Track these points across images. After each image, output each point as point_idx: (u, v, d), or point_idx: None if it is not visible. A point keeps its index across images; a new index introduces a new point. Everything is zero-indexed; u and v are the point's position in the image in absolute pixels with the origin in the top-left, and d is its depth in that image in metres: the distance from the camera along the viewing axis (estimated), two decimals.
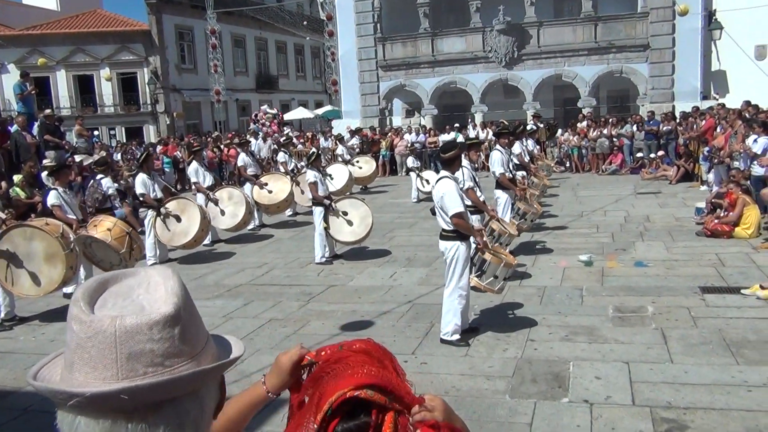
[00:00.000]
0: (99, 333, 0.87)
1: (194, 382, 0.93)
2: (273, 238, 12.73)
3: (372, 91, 28.39)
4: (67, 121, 21.21)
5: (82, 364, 0.88)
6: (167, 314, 0.90)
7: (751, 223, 9.96)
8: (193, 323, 0.95)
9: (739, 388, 4.88)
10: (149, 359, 0.88)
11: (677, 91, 23.93)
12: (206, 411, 0.97)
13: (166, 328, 0.90)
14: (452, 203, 6.07)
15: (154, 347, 0.89)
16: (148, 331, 0.88)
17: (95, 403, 0.86)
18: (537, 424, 4.52)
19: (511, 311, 7.10)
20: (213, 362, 0.97)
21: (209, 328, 1.00)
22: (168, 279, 0.97)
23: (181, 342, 0.91)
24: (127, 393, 0.86)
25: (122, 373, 0.87)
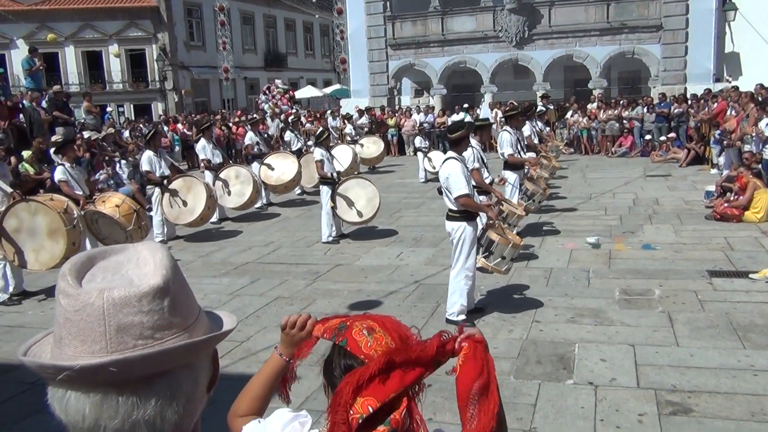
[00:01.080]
0: (87, 306, 0.86)
1: (186, 355, 0.92)
2: (280, 216, 12.74)
3: (381, 70, 28.20)
4: (75, 98, 21.23)
5: (71, 338, 0.87)
6: (156, 286, 0.89)
7: (761, 207, 9.88)
8: (183, 296, 0.94)
9: (745, 372, 4.87)
10: (139, 332, 0.87)
11: (689, 72, 23.63)
12: (199, 384, 0.96)
13: (155, 300, 0.89)
14: (457, 184, 6.04)
15: (143, 319, 0.87)
16: (137, 303, 0.87)
17: (85, 376, 0.85)
18: (541, 405, 4.53)
19: (517, 292, 7.10)
20: (205, 335, 0.96)
21: (216, 305, 1.00)
22: (156, 252, 0.95)
23: (171, 314, 0.90)
24: (117, 365, 0.85)
25: (112, 346, 0.86)
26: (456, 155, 6.23)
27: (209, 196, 10.52)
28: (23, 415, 4.79)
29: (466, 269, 6.16)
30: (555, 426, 4.24)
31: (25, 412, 4.83)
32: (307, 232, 10.62)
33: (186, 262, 9.35)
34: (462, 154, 6.35)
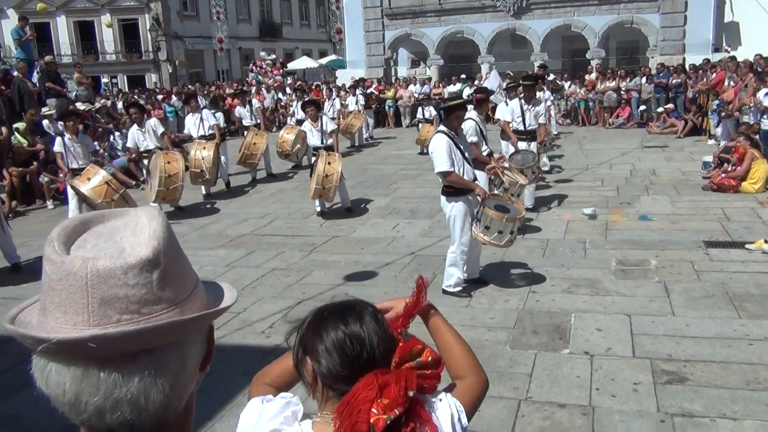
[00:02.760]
0: (69, 275, 0.81)
1: (173, 332, 0.87)
2: (276, 189, 12.68)
3: (377, 40, 27.91)
4: (67, 69, 20.98)
5: (54, 308, 0.82)
6: (144, 258, 0.84)
7: (758, 178, 9.86)
8: (176, 269, 0.89)
9: (741, 342, 4.89)
10: (124, 305, 0.82)
11: (688, 43, 23.44)
12: (188, 363, 0.91)
13: (142, 273, 0.83)
14: (438, 160, 5.95)
15: (129, 293, 0.82)
16: (122, 276, 0.82)
17: (64, 350, 0.81)
18: (537, 375, 4.55)
19: (513, 263, 7.10)
20: (199, 311, 0.91)
21: (212, 276, 0.95)
22: (153, 220, 0.90)
23: (159, 288, 0.85)
24: (96, 341, 0.80)
25: (94, 320, 0.81)
26: (445, 129, 6.06)
27: (169, 176, 10.04)
28: (21, 385, 4.80)
29: (462, 244, 6.14)
30: (551, 395, 4.26)
31: (22, 383, 4.84)
32: (303, 204, 10.57)
33: (182, 234, 9.32)
34: (455, 128, 6.17)
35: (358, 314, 1.43)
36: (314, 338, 1.41)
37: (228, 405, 4.33)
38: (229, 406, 4.30)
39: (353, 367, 1.36)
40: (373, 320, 1.43)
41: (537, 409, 4.10)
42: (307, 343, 1.42)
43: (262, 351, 5.16)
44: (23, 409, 4.49)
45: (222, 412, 4.24)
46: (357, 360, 1.37)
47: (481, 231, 6.01)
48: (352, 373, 1.35)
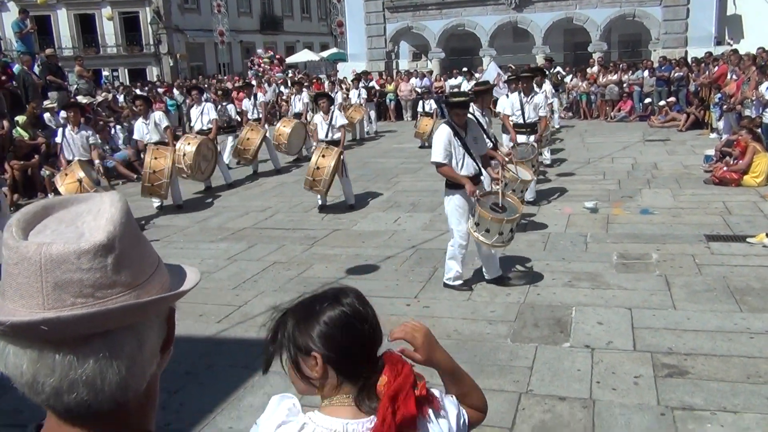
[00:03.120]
0: (24, 260, 0.83)
1: (128, 316, 0.88)
2: (277, 182, 12.68)
3: (378, 33, 27.84)
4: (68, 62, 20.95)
5: (12, 292, 0.84)
6: (98, 243, 0.85)
7: (760, 172, 9.84)
8: (134, 254, 0.90)
9: (741, 335, 4.89)
10: (78, 289, 0.84)
11: (691, 36, 23.36)
12: (145, 346, 0.92)
13: (96, 258, 0.85)
14: (433, 151, 6.03)
15: (82, 277, 0.84)
16: (75, 261, 0.84)
17: (18, 332, 0.83)
18: (537, 368, 4.55)
19: (514, 257, 7.09)
20: (159, 294, 0.92)
21: (213, 270, 0.96)
22: (113, 206, 0.91)
23: (114, 272, 0.86)
24: (48, 324, 0.81)
25: (48, 303, 0.83)
26: (449, 120, 6.14)
27: (154, 171, 10.01)
28: None
29: (459, 237, 6.13)
30: (551, 388, 4.27)
31: None
32: (304, 197, 10.56)
33: (183, 228, 9.33)
34: (460, 123, 6.15)
35: (346, 295, 1.49)
36: (311, 330, 1.43)
37: (229, 398, 4.33)
38: (231, 399, 4.31)
39: (361, 341, 1.43)
40: (358, 299, 1.49)
41: (537, 402, 4.10)
42: (301, 343, 1.44)
43: (263, 344, 5.16)
44: (24, 402, 4.49)
45: (223, 405, 4.24)
46: (362, 333, 1.44)
47: (476, 230, 5.97)
48: (361, 349, 1.43)
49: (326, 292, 1.51)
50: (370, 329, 1.46)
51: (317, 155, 9.57)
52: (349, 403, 1.42)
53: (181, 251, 8.11)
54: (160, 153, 10.14)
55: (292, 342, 1.45)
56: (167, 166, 9.99)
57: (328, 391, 1.44)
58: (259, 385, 4.43)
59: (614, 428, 3.77)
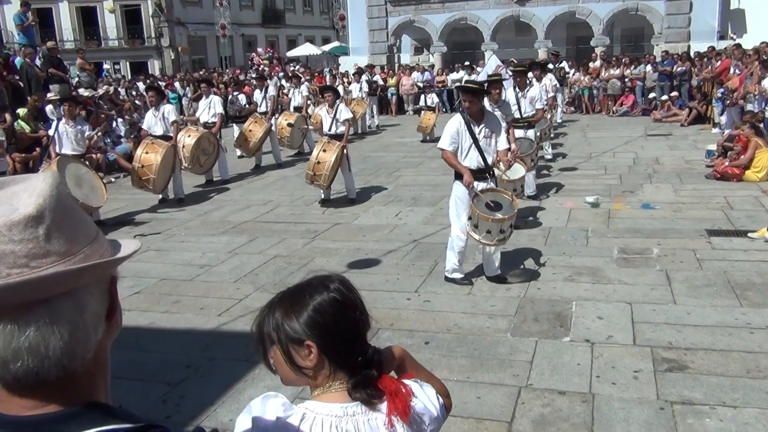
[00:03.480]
0: None
1: (62, 282, 0.90)
2: (278, 176, 12.68)
3: (380, 27, 27.77)
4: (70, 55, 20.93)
5: None
6: (27, 215, 0.89)
7: (762, 167, 9.82)
8: (66, 224, 0.93)
9: (742, 330, 4.89)
10: (12, 260, 0.87)
11: (693, 30, 23.27)
12: (86, 311, 0.95)
13: (27, 229, 0.88)
14: (441, 137, 6.17)
15: (15, 248, 0.87)
16: (7, 233, 0.87)
17: None
18: (537, 362, 4.56)
19: (515, 251, 7.09)
20: (88, 263, 0.95)
21: (214, 263, 0.98)
22: (43, 181, 0.94)
23: (47, 242, 0.89)
24: None
25: None
26: (464, 111, 6.20)
27: (142, 166, 9.94)
28: None
29: (457, 229, 6.15)
30: (551, 382, 4.28)
31: None
32: (306, 191, 10.56)
33: (184, 221, 9.34)
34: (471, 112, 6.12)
35: (333, 281, 1.50)
36: (301, 319, 1.43)
37: (230, 391, 4.35)
38: (231, 392, 4.32)
39: (353, 328, 1.45)
40: (344, 285, 1.50)
41: (537, 396, 4.11)
42: (291, 333, 1.44)
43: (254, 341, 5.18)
44: None
45: (224, 397, 4.26)
46: (353, 320, 1.45)
47: (475, 232, 5.96)
48: (353, 336, 1.44)
49: (311, 281, 1.51)
50: (360, 315, 1.47)
51: (318, 149, 9.58)
52: (342, 389, 1.43)
53: (182, 245, 8.12)
54: (153, 147, 10.11)
55: (283, 333, 1.45)
56: (156, 162, 9.90)
57: (322, 380, 1.45)
58: (260, 378, 4.44)
59: (613, 422, 3.78)
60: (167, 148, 10.13)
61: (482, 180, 6.13)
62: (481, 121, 6.07)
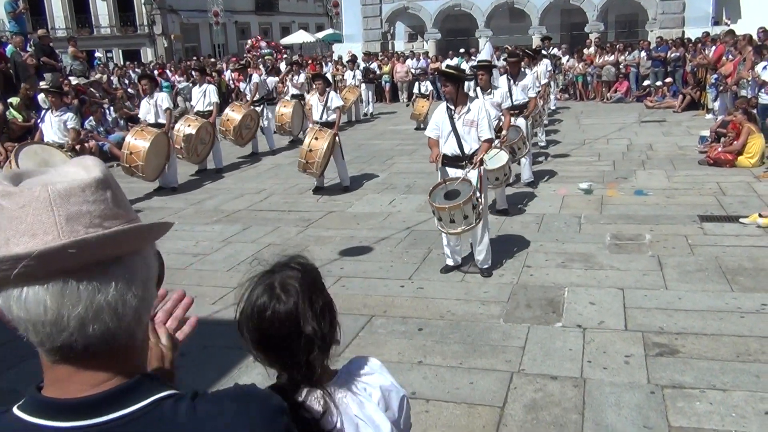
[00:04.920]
0: (33, 201, 0.87)
1: (138, 239, 0.95)
2: (272, 164, 12.66)
3: (374, 14, 27.63)
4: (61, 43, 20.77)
5: (20, 236, 0.87)
6: (97, 178, 0.92)
7: (754, 152, 9.85)
8: (121, 195, 0.97)
9: (732, 314, 4.93)
10: (88, 220, 0.89)
11: (688, 16, 23.22)
12: (151, 273, 0.99)
13: (98, 191, 0.91)
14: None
15: (90, 208, 0.90)
16: (81, 193, 0.89)
17: (44, 262, 0.86)
18: (530, 348, 4.59)
19: (508, 238, 7.12)
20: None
21: (208, 251, 1.01)
22: (89, 159, 0.98)
23: (114, 205, 0.93)
24: (75, 246, 0.86)
25: (64, 235, 0.87)
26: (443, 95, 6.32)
27: (131, 153, 9.90)
28: (19, 359, 4.83)
29: None
30: (543, 367, 4.31)
31: (20, 357, 4.87)
32: (299, 179, 10.55)
33: (177, 210, 9.33)
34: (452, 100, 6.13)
35: (272, 287, 1.50)
36: (241, 314, 1.51)
37: (224, 378, 4.37)
38: (225, 379, 4.35)
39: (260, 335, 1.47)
40: (287, 294, 1.48)
41: (529, 381, 4.14)
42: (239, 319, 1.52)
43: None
44: (21, 382, 4.53)
45: (218, 384, 4.28)
46: (259, 330, 1.47)
47: (440, 225, 5.92)
48: (261, 340, 1.47)
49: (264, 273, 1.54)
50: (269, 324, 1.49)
51: (310, 137, 9.55)
52: None
53: (176, 233, 8.10)
54: (142, 134, 10.07)
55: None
56: (144, 149, 9.86)
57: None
58: (254, 365, 4.45)
59: (604, 406, 3.82)
60: (157, 134, 10.08)
61: (457, 168, 6.10)
62: (462, 109, 6.05)
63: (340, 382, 1.51)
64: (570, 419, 3.71)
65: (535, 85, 9.88)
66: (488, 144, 6.14)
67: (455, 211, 5.73)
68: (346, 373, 1.56)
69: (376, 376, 1.56)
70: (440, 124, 6.09)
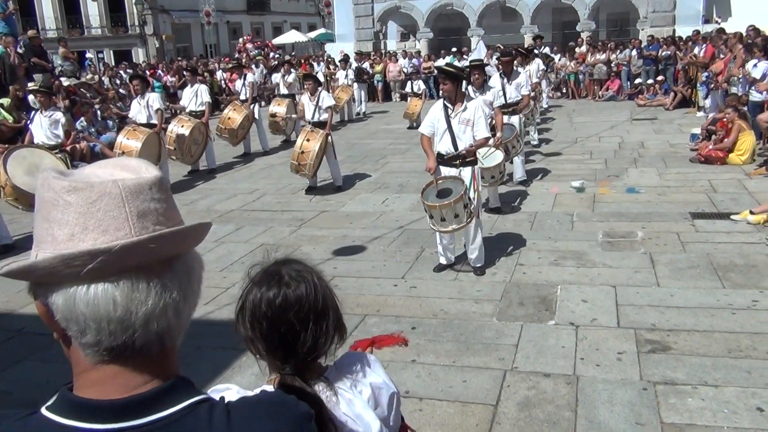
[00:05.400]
0: (105, 195, 0.88)
1: (196, 236, 0.97)
2: (265, 164, 12.64)
3: (366, 13, 27.61)
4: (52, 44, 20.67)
5: (90, 231, 0.87)
6: (159, 176, 0.94)
7: (745, 150, 9.90)
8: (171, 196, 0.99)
9: (723, 311, 4.96)
10: (155, 217, 0.91)
11: (678, 14, 23.31)
12: (203, 272, 1.02)
13: (161, 189, 0.93)
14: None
15: (156, 206, 0.92)
16: (148, 191, 0.91)
17: (121, 257, 0.86)
18: (523, 346, 4.61)
19: (501, 236, 7.13)
20: None
21: (200, 252, 1.01)
22: (135, 161, 0.99)
23: (172, 205, 0.96)
24: (153, 241, 0.88)
25: (135, 231, 0.88)
26: (442, 93, 6.28)
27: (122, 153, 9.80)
28: (10, 362, 4.82)
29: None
30: (536, 365, 4.32)
31: (12, 359, 4.86)
32: (292, 179, 10.53)
33: None
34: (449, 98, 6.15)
35: (280, 276, 1.46)
36: (243, 310, 1.47)
37: (217, 378, 4.36)
38: (219, 380, 4.34)
39: (270, 339, 1.43)
40: (296, 281, 1.45)
41: (522, 379, 4.16)
42: (240, 316, 1.48)
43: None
44: (13, 384, 4.51)
45: (211, 385, 4.25)
46: (274, 325, 1.42)
47: (432, 223, 5.94)
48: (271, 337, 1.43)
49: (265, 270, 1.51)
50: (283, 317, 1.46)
51: (302, 138, 9.54)
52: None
53: None
54: (134, 134, 10.04)
55: (239, 311, 1.54)
56: (136, 149, 9.79)
57: (270, 365, 1.52)
58: (247, 365, 4.46)
59: (597, 403, 3.83)
60: (149, 134, 10.06)
61: (452, 167, 6.12)
62: (459, 107, 6.07)
63: (330, 378, 1.50)
64: (563, 416, 3.72)
65: (528, 83, 9.90)
66: (485, 141, 6.19)
67: (446, 210, 5.74)
68: (337, 369, 1.54)
69: (368, 372, 1.55)
70: (436, 121, 6.10)
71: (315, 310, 1.43)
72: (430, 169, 6.05)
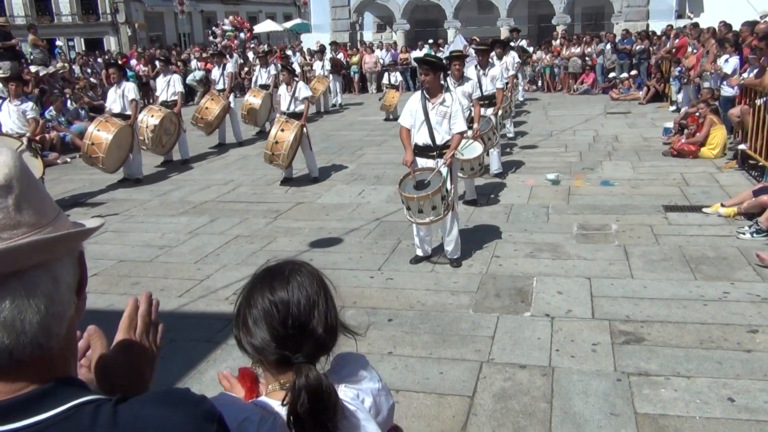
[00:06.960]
0: None
1: (37, 252, 0.89)
2: (239, 155, 12.51)
3: (342, 4, 27.46)
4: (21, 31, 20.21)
5: None
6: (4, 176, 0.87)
7: (717, 144, 10.04)
8: (34, 196, 0.91)
9: (696, 302, 5.03)
10: None
11: (652, 9, 23.60)
12: (61, 284, 0.93)
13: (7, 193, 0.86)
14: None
15: None
16: None
17: None
18: (499, 337, 4.62)
19: (477, 228, 7.15)
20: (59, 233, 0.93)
21: (174, 244, 0.97)
22: (2, 154, 0.91)
23: (16, 212, 0.87)
24: None
25: None
26: (421, 85, 6.24)
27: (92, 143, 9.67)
28: None
29: None
30: (512, 356, 4.34)
31: None
32: (267, 170, 10.44)
33: (143, 201, 9.16)
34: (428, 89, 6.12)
35: (286, 278, 1.42)
36: (246, 311, 1.42)
37: (191, 372, 4.31)
38: (192, 373, 4.28)
39: (281, 336, 1.37)
40: (303, 283, 1.42)
41: (498, 371, 4.17)
42: (240, 318, 1.43)
43: (226, 318, 5.12)
44: None
45: (185, 379, 4.22)
46: (283, 328, 1.37)
47: (409, 214, 5.93)
48: (282, 341, 1.37)
49: (266, 270, 1.48)
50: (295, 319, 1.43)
51: (276, 129, 9.46)
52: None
53: (142, 225, 7.97)
54: (105, 126, 9.84)
55: (237, 313, 1.50)
56: (106, 141, 9.62)
57: (268, 371, 1.47)
58: (222, 358, 4.41)
59: (572, 394, 3.86)
60: (121, 127, 9.86)
61: (428, 158, 6.11)
62: (437, 99, 6.04)
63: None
64: (539, 408, 3.74)
65: (502, 76, 9.91)
66: (460, 137, 6.15)
67: (424, 202, 5.73)
68: (335, 376, 1.46)
69: (367, 379, 1.50)
70: (414, 112, 6.07)
71: (320, 300, 1.41)
72: (407, 162, 6.03)
